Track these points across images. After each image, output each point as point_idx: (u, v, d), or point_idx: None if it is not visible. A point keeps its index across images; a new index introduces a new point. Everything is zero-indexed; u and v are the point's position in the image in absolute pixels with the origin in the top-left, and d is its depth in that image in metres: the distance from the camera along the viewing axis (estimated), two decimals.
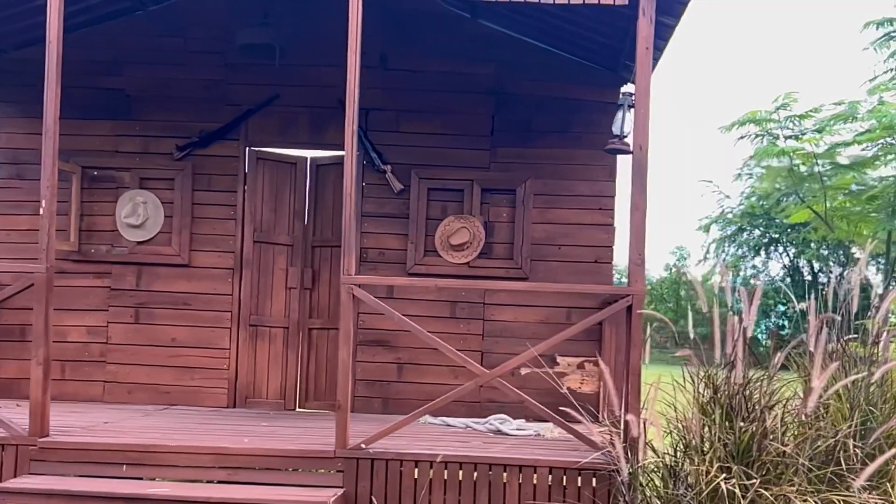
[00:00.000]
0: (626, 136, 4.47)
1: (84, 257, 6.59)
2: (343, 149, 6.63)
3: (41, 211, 4.67)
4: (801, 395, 4.15)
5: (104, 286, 6.60)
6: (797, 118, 6.75)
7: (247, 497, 4.16)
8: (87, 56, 6.72)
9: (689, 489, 3.79)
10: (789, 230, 24.83)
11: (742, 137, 8.25)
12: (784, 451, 3.68)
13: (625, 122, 4.46)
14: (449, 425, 5.85)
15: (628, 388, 4.42)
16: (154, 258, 6.56)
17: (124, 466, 4.49)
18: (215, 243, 6.58)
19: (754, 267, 27.05)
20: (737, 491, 3.51)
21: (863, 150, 6.64)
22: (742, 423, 3.80)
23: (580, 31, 6.02)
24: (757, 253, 26.69)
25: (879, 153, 6.52)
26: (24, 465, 4.52)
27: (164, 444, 4.52)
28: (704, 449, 3.96)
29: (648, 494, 3.91)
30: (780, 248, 23.90)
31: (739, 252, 27.90)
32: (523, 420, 5.98)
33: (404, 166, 6.57)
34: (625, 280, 5.59)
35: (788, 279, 25.25)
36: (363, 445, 4.51)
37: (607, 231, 6.50)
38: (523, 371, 6.44)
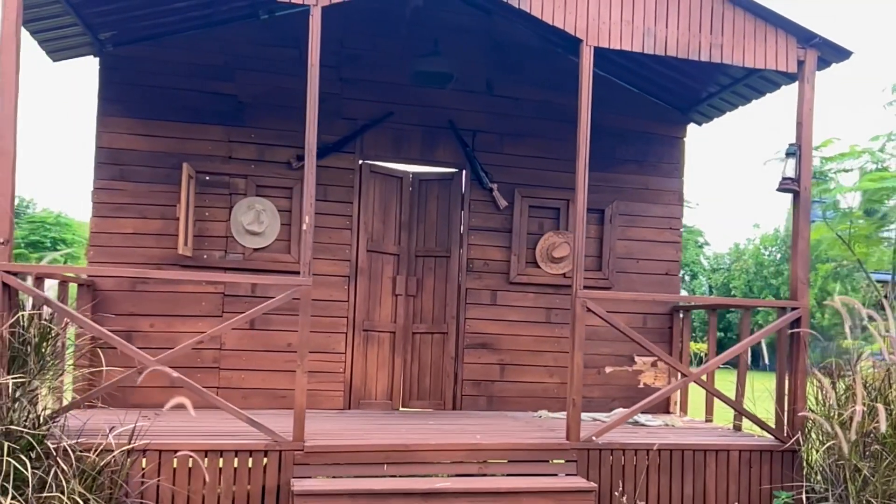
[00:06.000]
0: (793, 180, 5.51)
1: (197, 263, 6.55)
2: (452, 166, 7.21)
3: (303, 227, 4.85)
4: None
5: (218, 292, 6.60)
6: (824, 159, 8.26)
7: (526, 486, 4.70)
8: (198, 59, 6.69)
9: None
10: None
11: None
12: None
13: (794, 167, 5.49)
14: None
15: (796, 385, 5.46)
16: (271, 265, 6.66)
17: (385, 466, 4.83)
18: (332, 252, 6.82)
19: None
20: None
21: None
22: None
23: (676, 76, 7.02)
24: None
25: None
26: (287, 469, 4.71)
27: (424, 443, 4.91)
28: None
29: (857, 470, 4.96)
30: None
31: None
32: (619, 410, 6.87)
33: (507, 185, 7.20)
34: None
35: None
36: (594, 438, 5.18)
37: (676, 248, 7.56)
38: (608, 370, 7.35)
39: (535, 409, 7.10)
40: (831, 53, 5.63)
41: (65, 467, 3.86)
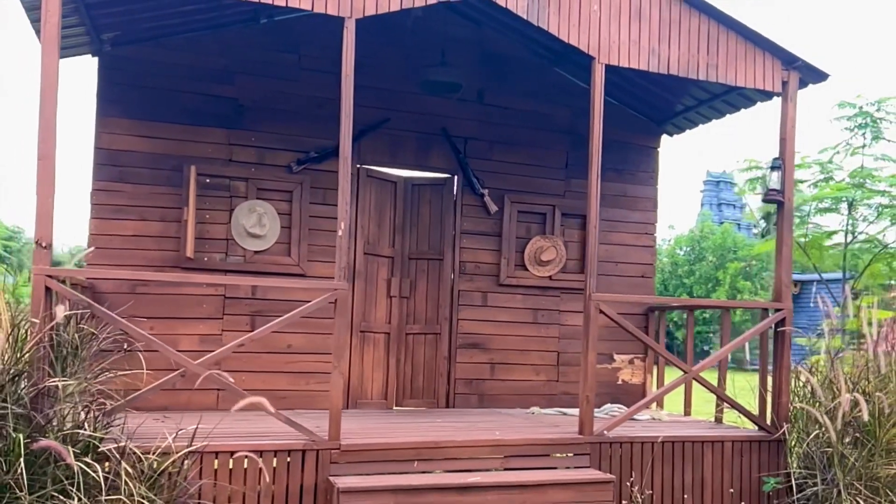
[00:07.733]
0: (777, 191, 5.98)
1: (197, 265, 6.56)
2: (445, 172, 7.45)
3: (339, 232, 4.98)
4: None
5: (219, 294, 6.63)
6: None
7: (551, 479, 4.99)
8: (198, 61, 6.70)
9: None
10: None
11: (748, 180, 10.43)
12: None
13: (779, 180, 5.96)
14: (565, 414, 6.93)
15: (781, 380, 5.94)
16: (272, 267, 6.73)
17: (415, 462, 5.03)
18: (330, 255, 6.91)
19: None
20: None
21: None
22: None
23: (655, 89, 7.44)
24: None
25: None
26: (324, 468, 4.85)
27: (452, 440, 5.13)
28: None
29: (843, 456, 5.45)
30: None
31: None
32: (609, 405, 7.26)
33: (497, 191, 7.48)
34: None
35: None
36: (605, 432, 5.51)
37: (650, 252, 8.00)
38: None
39: (523, 406, 7.40)
40: (810, 75, 6.14)
41: (129, 469, 3.91)
